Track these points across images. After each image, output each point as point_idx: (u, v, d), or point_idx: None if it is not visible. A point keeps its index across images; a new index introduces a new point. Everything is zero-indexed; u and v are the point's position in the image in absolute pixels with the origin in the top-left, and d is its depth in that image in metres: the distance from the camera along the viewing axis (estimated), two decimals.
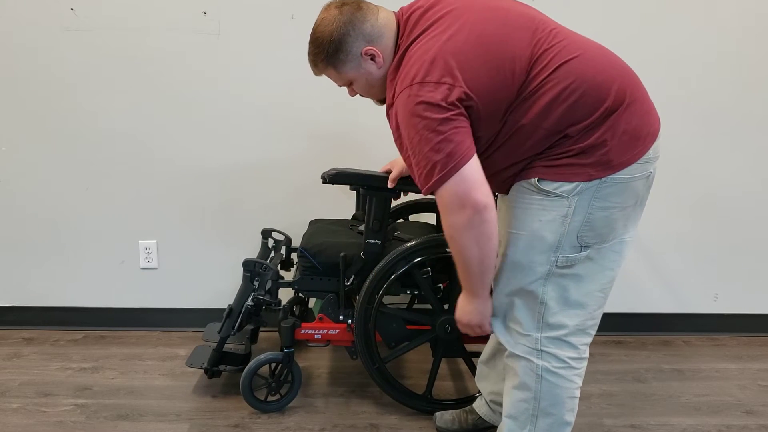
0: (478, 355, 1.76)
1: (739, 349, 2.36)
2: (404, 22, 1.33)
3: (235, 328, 1.85)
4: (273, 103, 2.23)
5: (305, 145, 2.27)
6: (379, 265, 1.70)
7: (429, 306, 1.77)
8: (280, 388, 1.84)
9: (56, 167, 2.27)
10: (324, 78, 1.51)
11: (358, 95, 1.47)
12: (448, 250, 1.72)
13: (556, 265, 1.29)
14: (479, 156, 1.25)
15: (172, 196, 2.31)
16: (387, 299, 1.76)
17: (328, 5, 1.35)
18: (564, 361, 1.35)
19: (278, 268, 1.97)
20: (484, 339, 1.79)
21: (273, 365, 1.83)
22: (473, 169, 1.22)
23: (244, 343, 1.97)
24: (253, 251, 2.21)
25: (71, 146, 2.25)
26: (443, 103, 1.19)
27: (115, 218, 2.32)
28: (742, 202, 2.37)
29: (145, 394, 1.93)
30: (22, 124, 2.23)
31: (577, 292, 1.32)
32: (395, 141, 1.31)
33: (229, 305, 1.87)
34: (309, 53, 1.39)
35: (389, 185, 1.69)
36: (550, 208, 1.27)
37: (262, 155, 2.28)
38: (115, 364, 2.13)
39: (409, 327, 1.80)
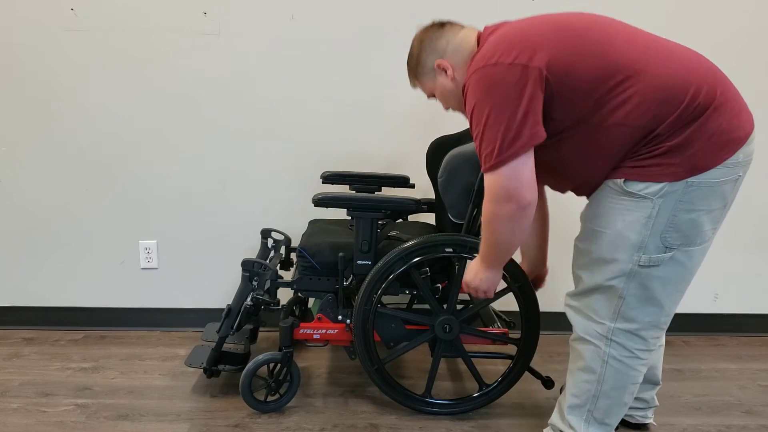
0: (477, 355, 1.76)
1: (739, 349, 2.35)
2: (485, 34, 1.38)
3: (234, 327, 1.85)
4: (273, 103, 2.23)
5: (305, 145, 2.27)
6: (378, 266, 1.70)
7: (428, 306, 1.77)
8: (279, 387, 1.84)
9: (56, 168, 2.27)
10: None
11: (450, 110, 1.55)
12: (447, 250, 1.74)
13: (639, 265, 1.31)
14: (555, 142, 1.29)
15: (172, 196, 2.31)
16: (386, 299, 1.77)
17: (424, 26, 1.50)
18: (631, 352, 1.39)
19: (277, 267, 1.97)
20: (483, 339, 1.79)
21: (272, 365, 1.83)
22: (527, 166, 1.27)
23: (243, 343, 1.98)
24: (252, 251, 2.21)
25: (71, 146, 2.25)
26: (518, 82, 1.22)
27: (115, 218, 2.32)
28: (742, 202, 2.35)
29: (145, 394, 1.93)
30: (22, 124, 2.23)
31: (662, 293, 1.34)
32: (470, 124, 1.35)
33: (228, 305, 1.88)
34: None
35: None
36: (633, 209, 1.29)
37: (262, 155, 2.28)
38: (115, 364, 2.13)
39: (407, 327, 1.80)
